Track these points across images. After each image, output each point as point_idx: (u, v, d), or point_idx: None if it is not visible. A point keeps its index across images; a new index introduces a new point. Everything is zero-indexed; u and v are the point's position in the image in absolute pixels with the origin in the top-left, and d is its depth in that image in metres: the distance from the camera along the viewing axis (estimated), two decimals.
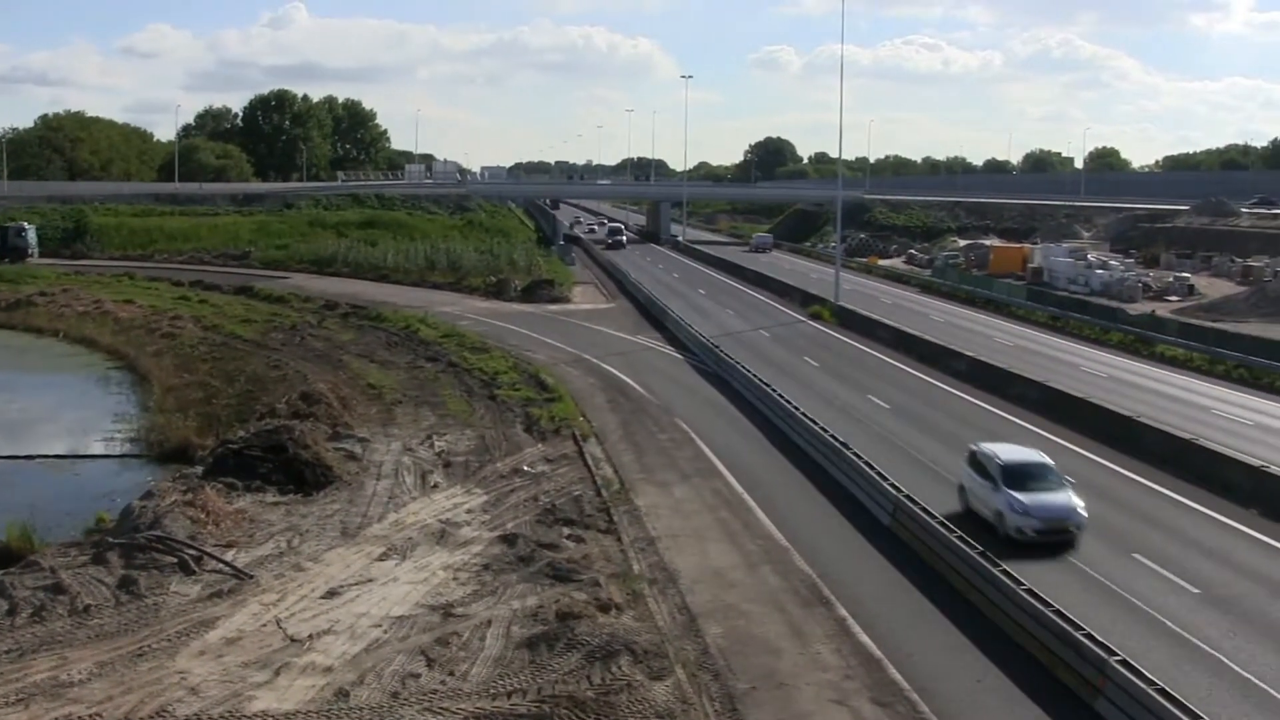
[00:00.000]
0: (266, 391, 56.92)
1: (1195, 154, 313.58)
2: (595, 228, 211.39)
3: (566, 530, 35.66)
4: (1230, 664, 26.72)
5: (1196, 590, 31.40)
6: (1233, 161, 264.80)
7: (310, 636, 27.41)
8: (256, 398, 55.66)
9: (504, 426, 49.42)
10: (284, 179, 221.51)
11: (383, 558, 33.11)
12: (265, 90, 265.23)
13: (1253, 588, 31.89)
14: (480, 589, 30.69)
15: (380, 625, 28.19)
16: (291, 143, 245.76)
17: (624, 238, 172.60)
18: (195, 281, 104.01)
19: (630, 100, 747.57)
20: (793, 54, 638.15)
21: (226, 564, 31.90)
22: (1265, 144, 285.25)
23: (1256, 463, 41.72)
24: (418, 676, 25.27)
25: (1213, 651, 27.38)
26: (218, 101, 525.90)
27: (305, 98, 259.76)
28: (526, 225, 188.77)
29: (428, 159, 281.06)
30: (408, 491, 39.80)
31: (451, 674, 25.39)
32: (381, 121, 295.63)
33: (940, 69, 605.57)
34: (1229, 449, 44.40)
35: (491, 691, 24.49)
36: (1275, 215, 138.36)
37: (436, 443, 46.38)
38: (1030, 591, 27.92)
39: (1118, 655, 24.36)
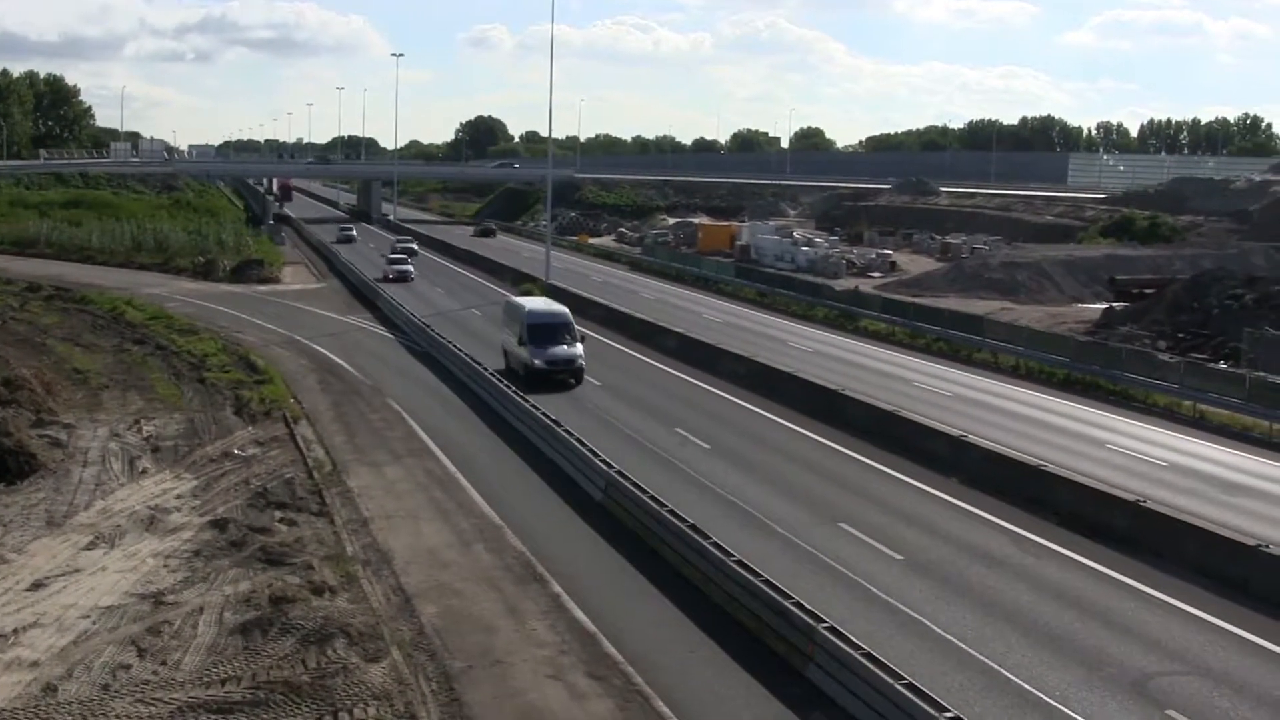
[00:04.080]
0: None
1: (896, 135, 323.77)
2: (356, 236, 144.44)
3: (278, 513, 35.14)
4: (932, 626, 27.63)
5: (900, 557, 32.43)
6: (933, 143, 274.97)
7: (15, 631, 26.50)
8: None
9: (213, 410, 48.55)
10: None
11: (90, 547, 32.23)
12: None
13: (953, 553, 33.02)
14: (191, 575, 30.12)
15: (89, 616, 27.45)
16: None
17: (411, 268, 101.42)
18: None
19: (341, 78, 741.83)
20: (505, 33, 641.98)
21: None
22: (962, 126, 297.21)
23: (956, 433, 43.19)
24: (129, 668, 24.66)
25: (916, 615, 28.28)
26: None
27: (5, 73, 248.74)
28: (236, 205, 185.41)
29: (134, 137, 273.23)
30: (115, 478, 38.80)
31: (164, 664, 24.86)
32: (86, 98, 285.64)
33: (651, 49, 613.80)
34: (930, 420, 45.97)
35: (205, 680, 24.07)
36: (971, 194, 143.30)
37: (145, 427, 45.31)
38: (741, 563, 28.46)
39: (825, 622, 24.95)
